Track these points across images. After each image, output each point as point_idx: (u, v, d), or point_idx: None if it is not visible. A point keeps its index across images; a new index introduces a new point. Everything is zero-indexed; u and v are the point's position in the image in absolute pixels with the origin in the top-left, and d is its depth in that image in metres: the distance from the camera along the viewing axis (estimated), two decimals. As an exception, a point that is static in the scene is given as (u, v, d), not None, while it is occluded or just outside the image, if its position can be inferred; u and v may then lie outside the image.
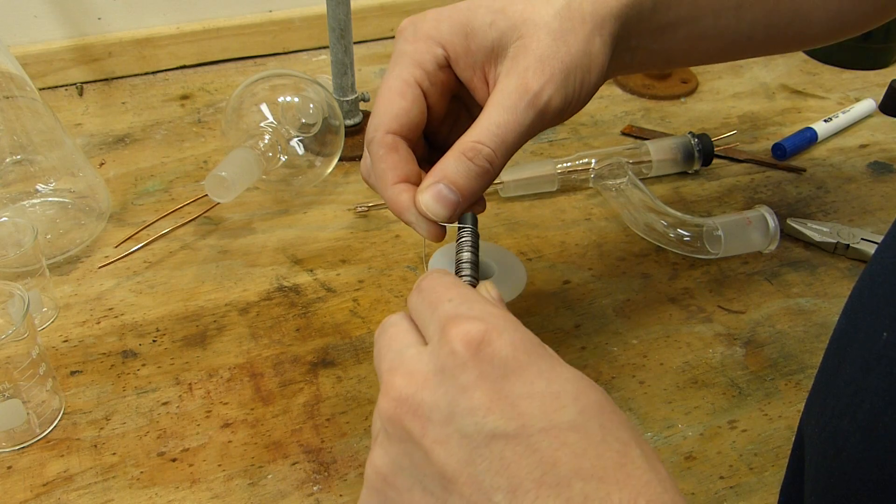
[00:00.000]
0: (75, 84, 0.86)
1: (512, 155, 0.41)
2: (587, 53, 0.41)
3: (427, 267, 0.54)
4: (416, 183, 0.42)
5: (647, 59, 0.48)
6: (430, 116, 0.44)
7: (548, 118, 0.41)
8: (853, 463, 0.33)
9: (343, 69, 0.75)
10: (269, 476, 0.49)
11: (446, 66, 0.43)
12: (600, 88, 0.91)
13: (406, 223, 0.42)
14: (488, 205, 0.71)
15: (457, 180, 0.40)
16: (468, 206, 0.42)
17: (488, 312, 0.32)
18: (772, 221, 0.64)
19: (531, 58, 0.40)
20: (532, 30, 0.41)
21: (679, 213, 0.66)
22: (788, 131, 0.81)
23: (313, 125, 0.70)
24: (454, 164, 0.40)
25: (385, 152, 0.42)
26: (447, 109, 0.46)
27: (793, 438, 0.52)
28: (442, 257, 0.55)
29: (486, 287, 0.37)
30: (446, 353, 0.31)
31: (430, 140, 0.47)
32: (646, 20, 0.45)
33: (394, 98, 0.42)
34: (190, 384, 0.55)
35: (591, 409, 0.30)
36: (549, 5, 0.41)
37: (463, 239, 0.41)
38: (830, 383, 0.36)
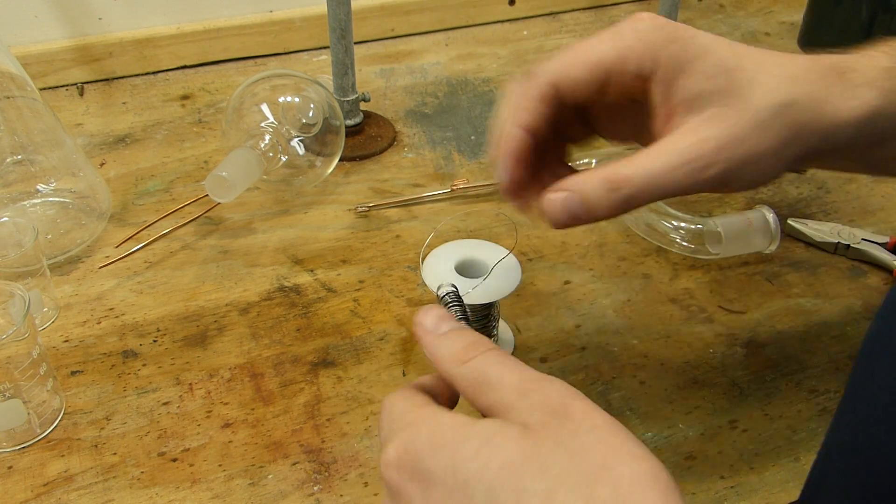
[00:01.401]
0: (76, 84, 0.86)
1: (648, 203, 0.40)
2: (776, 155, 0.39)
3: (423, 266, 0.54)
4: (532, 132, 0.42)
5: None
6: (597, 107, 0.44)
7: (704, 189, 0.40)
8: (892, 474, 0.32)
9: (343, 69, 0.75)
10: (270, 476, 0.49)
11: (648, 76, 0.41)
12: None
13: (493, 161, 0.42)
14: (488, 205, 0.71)
15: (591, 200, 0.39)
16: (583, 223, 0.40)
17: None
18: (772, 221, 0.64)
19: (724, 133, 0.39)
20: (740, 105, 0.39)
21: (679, 213, 0.66)
22: (789, 131, 0.80)
23: (314, 125, 0.70)
24: (595, 187, 0.39)
25: (537, 93, 0.41)
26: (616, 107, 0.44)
27: (793, 438, 0.52)
28: (436, 258, 0.55)
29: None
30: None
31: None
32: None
33: (585, 49, 0.42)
34: (190, 384, 0.55)
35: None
36: (771, 95, 0.39)
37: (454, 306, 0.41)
38: (863, 391, 0.35)
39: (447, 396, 0.37)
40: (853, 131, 0.40)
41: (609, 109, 0.45)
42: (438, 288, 0.42)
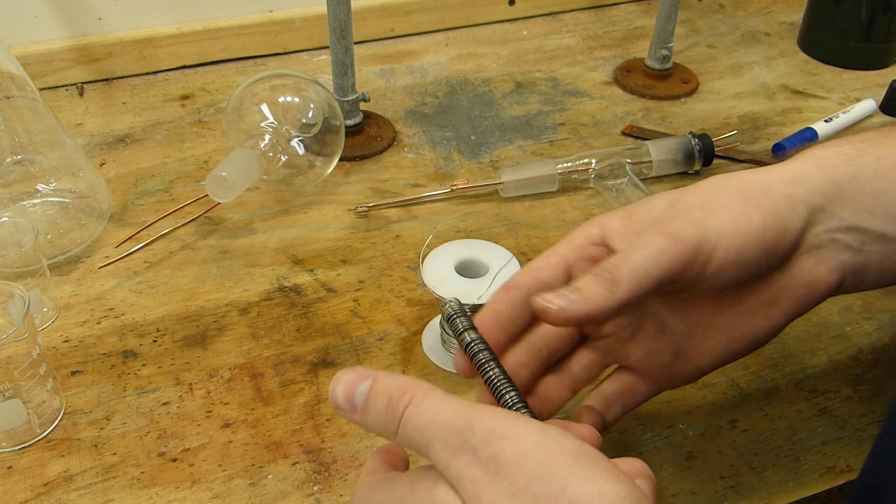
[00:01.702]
0: (76, 84, 0.86)
1: (641, 292, 0.38)
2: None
3: (423, 267, 0.54)
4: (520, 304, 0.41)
5: None
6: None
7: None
8: None
9: (343, 69, 0.75)
10: (270, 476, 0.49)
11: (601, 243, 0.42)
12: (602, 89, 0.91)
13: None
14: (488, 205, 0.71)
15: (579, 284, 0.38)
16: (580, 321, 0.38)
17: None
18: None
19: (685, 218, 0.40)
20: (685, 204, 0.41)
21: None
22: (789, 131, 0.81)
23: (314, 125, 0.70)
24: (580, 278, 0.39)
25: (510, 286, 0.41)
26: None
27: (793, 438, 0.52)
28: (435, 258, 0.55)
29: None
30: None
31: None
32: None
33: (537, 261, 0.42)
34: (190, 384, 0.55)
35: None
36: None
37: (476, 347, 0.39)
38: None
39: (399, 459, 0.37)
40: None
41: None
42: (444, 305, 0.41)
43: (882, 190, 0.41)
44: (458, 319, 0.40)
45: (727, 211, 0.39)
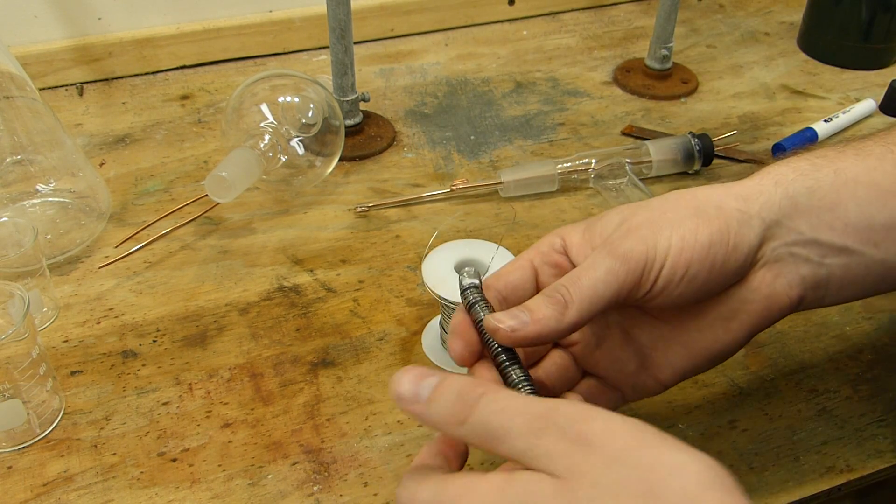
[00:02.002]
0: (75, 84, 0.86)
1: (591, 314, 0.39)
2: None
3: (423, 267, 0.54)
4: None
5: None
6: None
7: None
8: None
9: (343, 69, 0.75)
10: (270, 476, 0.49)
11: (562, 252, 0.43)
12: (601, 89, 0.91)
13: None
14: (488, 205, 0.71)
15: (531, 306, 0.38)
16: (531, 342, 0.39)
17: None
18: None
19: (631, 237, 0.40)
20: (636, 219, 0.41)
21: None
22: (788, 131, 0.81)
23: (313, 125, 0.70)
24: (533, 298, 0.39)
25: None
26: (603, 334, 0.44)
27: (793, 438, 0.52)
28: (435, 258, 0.55)
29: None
30: None
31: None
32: None
33: (506, 266, 0.43)
34: (190, 384, 0.55)
35: None
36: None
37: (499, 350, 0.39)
38: None
39: (456, 454, 0.37)
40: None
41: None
42: (461, 280, 0.42)
43: (839, 202, 0.41)
44: (472, 293, 0.41)
45: (675, 228, 0.40)
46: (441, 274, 0.53)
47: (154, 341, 0.58)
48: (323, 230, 0.68)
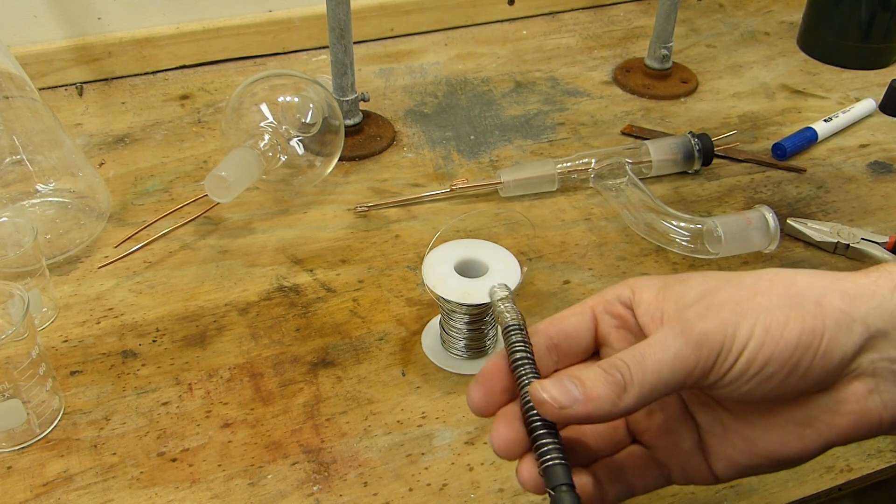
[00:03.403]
0: (75, 84, 0.86)
1: (651, 399, 0.35)
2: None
3: (423, 267, 0.54)
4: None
5: None
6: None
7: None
8: None
9: (343, 69, 0.75)
10: (269, 476, 0.49)
11: (629, 305, 0.39)
12: (601, 89, 0.91)
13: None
14: (487, 205, 0.71)
15: (586, 381, 0.35)
16: (579, 422, 0.35)
17: None
18: (772, 221, 0.64)
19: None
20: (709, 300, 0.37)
21: (679, 213, 0.66)
22: (788, 131, 0.81)
23: (313, 125, 0.70)
24: (588, 369, 0.35)
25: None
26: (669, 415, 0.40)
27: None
28: (435, 258, 0.54)
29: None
30: None
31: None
32: None
33: (564, 311, 0.40)
34: (190, 384, 0.55)
35: None
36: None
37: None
38: None
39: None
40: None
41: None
42: (498, 307, 0.40)
43: None
44: (515, 334, 0.39)
45: (762, 316, 0.35)
46: (441, 274, 0.53)
47: (154, 341, 0.58)
48: (323, 230, 0.68)
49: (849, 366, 0.35)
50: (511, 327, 0.39)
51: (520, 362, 0.37)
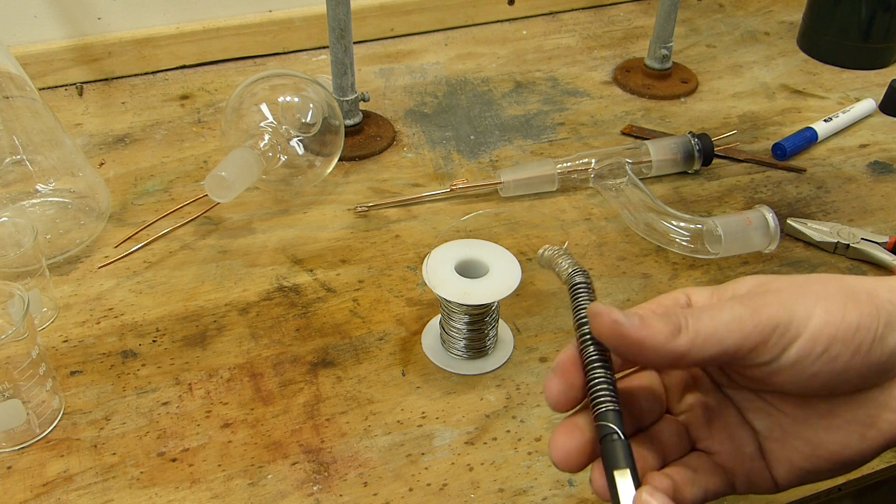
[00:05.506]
0: (75, 84, 0.86)
1: (703, 355, 0.35)
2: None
3: (423, 267, 0.54)
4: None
5: None
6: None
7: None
8: None
9: (343, 69, 0.75)
10: (269, 476, 0.49)
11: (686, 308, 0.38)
12: (601, 89, 0.91)
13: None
14: (487, 205, 0.71)
15: (643, 314, 0.35)
16: (629, 347, 0.34)
17: None
18: (772, 221, 0.64)
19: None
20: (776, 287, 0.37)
21: (679, 213, 0.66)
22: (788, 131, 0.81)
23: (313, 125, 0.70)
24: (653, 314, 0.35)
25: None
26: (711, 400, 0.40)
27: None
28: (435, 258, 0.55)
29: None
30: None
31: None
32: None
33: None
34: (190, 384, 0.55)
35: None
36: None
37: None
38: None
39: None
40: None
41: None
42: (558, 262, 0.40)
43: None
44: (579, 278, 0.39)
45: (821, 300, 0.35)
46: (441, 274, 0.53)
47: (154, 341, 0.58)
48: (323, 230, 0.68)
49: None
50: (578, 285, 0.39)
51: (581, 311, 0.37)
